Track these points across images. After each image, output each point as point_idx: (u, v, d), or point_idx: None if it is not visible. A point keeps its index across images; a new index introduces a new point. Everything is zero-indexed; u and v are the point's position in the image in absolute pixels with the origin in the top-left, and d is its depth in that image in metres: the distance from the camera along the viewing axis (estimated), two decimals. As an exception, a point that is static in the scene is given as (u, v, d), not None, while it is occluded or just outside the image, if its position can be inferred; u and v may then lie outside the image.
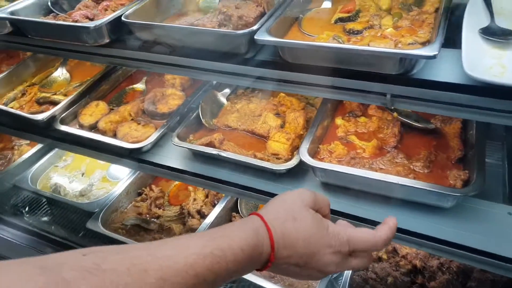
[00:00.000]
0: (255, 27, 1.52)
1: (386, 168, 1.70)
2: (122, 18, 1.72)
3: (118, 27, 1.79)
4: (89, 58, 1.94)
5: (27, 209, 2.88)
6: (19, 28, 2.00)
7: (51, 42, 1.95)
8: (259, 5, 1.71)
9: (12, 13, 1.94)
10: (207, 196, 2.84)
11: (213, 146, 1.99)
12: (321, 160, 1.80)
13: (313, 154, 1.80)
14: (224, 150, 1.95)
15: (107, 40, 1.78)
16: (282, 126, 2.07)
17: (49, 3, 2.09)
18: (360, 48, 1.36)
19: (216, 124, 2.22)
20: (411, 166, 1.68)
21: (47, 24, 1.81)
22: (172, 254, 0.84)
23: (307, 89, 1.56)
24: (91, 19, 1.98)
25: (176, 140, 2.02)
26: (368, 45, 1.45)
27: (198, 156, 2.02)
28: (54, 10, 2.07)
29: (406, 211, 1.59)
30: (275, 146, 1.93)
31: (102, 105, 2.45)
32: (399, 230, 1.50)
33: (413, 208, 1.59)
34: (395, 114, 1.93)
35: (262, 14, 1.67)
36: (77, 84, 2.73)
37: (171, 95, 2.42)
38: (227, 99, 2.38)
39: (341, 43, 1.51)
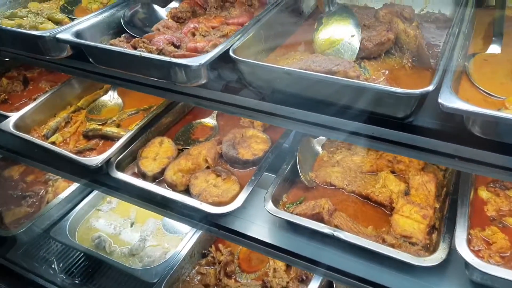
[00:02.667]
0: (430, 87, 1.07)
1: None
2: (231, 54, 1.29)
3: (218, 63, 1.36)
4: (172, 97, 1.51)
5: (61, 265, 2.32)
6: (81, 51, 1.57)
7: (124, 74, 1.52)
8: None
9: (77, 33, 1.51)
10: (288, 265, 2.30)
11: (321, 218, 1.56)
12: (476, 253, 1.35)
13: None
14: (336, 226, 1.52)
15: (204, 81, 1.35)
16: (406, 192, 1.62)
17: (122, 21, 1.66)
18: None
19: (315, 179, 1.78)
20: None
21: (126, 55, 1.37)
22: None
23: (492, 172, 1.12)
24: (177, 46, 1.55)
25: (271, 206, 1.59)
26: None
27: (298, 227, 1.58)
28: (128, 30, 1.64)
29: None
30: (406, 224, 1.48)
31: (168, 144, 2.02)
32: None
33: None
34: None
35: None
36: (133, 112, 2.31)
37: (253, 138, 1.98)
38: (322, 147, 1.95)
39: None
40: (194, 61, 1.26)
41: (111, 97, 2.42)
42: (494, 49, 1.40)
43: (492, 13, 1.57)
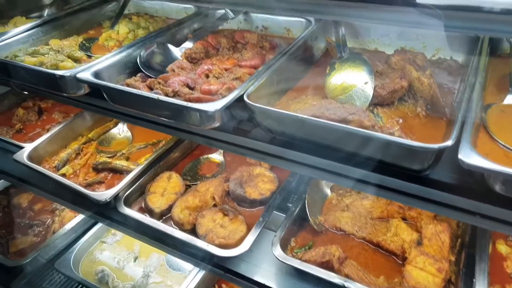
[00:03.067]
0: (449, 142, 1.06)
1: None
2: (246, 100, 1.29)
3: (231, 106, 1.36)
4: (184, 136, 1.52)
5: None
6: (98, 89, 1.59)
7: (139, 113, 1.53)
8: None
9: (96, 73, 1.54)
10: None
11: (331, 265, 1.52)
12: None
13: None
14: (347, 275, 1.48)
15: (217, 124, 1.35)
16: (419, 242, 1.58)
17: (138, 61, 1.68)
18: None
19: (324, 223, 1.75)
20: None
21: (143, 97, 1.38)
22: None
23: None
24: (191, 88, 1.56)
25: (279, 252, 1.56)
26: None
27: (307, 275, 1.53)
28: (143, 70, 1.67)
29: None
30: (420, 277, 1.44)
31: (176, 179, 2.01)
32: None
33: None
34: None
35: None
36: (142, 146, 2.32)
37: (260, 176, 1.97)
38: (331, 189, 1.92)
39: None
40: (210, 107, 1.26)
41: (121, 130, 2.44)
42: (511, 99, 1.39)
43: (506, 61, 1.56)
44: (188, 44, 1.89)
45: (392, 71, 1.51)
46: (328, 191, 1.91)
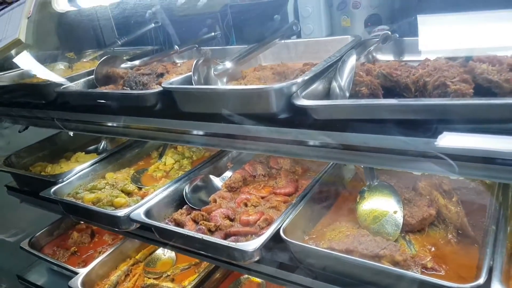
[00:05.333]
0: (481, 280, 1.10)
1: None
2: (282, 235, 1.41)
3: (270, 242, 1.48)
4: (229, 268, 1.63)
5: None
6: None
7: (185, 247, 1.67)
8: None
9: (147, 212, 1.73)
10: None
11: None
12: None
13: None
14: None
15: (257, 258, 1.45)
16: None
17: (184, 195, 1.87)
18: None
19: None
20: None
21: (189, 237, 1.53)
22: None
23: None
24: (232, 219, 1.71)
25: None
26: None
27: None
28: (188, 203, 1.84)
29: None
30: None
31: (218, 304, 2.07)
32: None
33: None
34: None
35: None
36: (185, 267, 2.43)
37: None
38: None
39: None
40: (249, 246, 1.39)
41: (165, 251, 2.58)
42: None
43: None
44: (228, 174, 2.08)
45: (420, 198, 1.60)
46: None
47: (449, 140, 1.03)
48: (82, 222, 2.06)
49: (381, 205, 1.59)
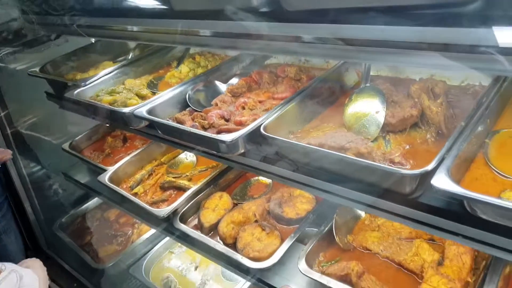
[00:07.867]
0: (429, 167, 1.16)
1: None
2: (261, 131, 1.52)
3: (255, 137, 1.59)
4: (221, 161, 1.79)
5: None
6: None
7: (182, 142, 1.84)
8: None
9: (150, 110, 1.89)
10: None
11: (349, 280, 1.63)
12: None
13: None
14: (363, 288, 1.58)
15: (242, 151, 1.59)
16: (440, 262, 1.62)
17: (186, 98, 2.01)
18: None
19: (352, 242, 1.86)
20: None
21: (180, 130, 1.69)
22: None
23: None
24: (227, 120, 1.83)
25: (303, 266, 1.71)
26: None
27: (328, 288, 1.67)
28: (190, 105, 1.99)
29: None
30: (432, 296, 1.49)
31: (226, 198, 2.28)
32: None
33: None
34: None
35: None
36: (203, 169, 2.64)
37: (299, 197, 2.15)
38: (366, 211, 2.02)
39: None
40: (227, 137, 1.51)
41: (188, 155, 2.80)
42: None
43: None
44: (234, 80, 2.17)
45: (406, 100, 1.62)
46: (362, 213, 2.01)
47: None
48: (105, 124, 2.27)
49: (366, 106, 1.63)
